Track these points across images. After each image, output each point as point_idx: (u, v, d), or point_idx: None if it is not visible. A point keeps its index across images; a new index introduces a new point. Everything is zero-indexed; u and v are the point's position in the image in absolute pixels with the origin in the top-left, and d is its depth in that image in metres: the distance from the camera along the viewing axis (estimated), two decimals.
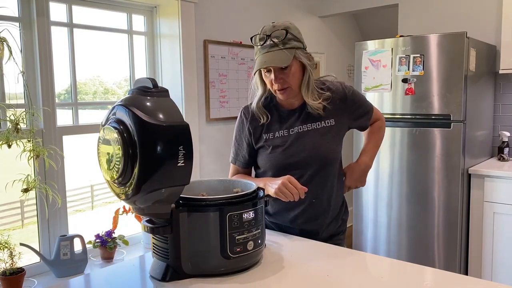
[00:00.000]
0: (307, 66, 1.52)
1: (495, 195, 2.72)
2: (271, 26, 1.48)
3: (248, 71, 3.29)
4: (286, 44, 1.47)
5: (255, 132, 1.62)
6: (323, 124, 1.58)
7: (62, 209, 2.30)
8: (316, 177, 1.56)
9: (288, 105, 1.60)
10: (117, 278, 1.24)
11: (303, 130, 1.57)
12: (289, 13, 3.68)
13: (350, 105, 1.62)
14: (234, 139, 1.70)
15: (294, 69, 1.50)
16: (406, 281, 1.15)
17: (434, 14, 3.45)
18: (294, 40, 1.49)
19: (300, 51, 1.50)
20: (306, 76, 1.52)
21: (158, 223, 1.14)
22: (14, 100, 2.11)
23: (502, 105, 3.25)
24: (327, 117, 1.58)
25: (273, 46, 1.47)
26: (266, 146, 1.59)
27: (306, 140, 1.56)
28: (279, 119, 1.60)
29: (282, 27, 1.48)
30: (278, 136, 1.58)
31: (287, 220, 1.61)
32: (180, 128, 1.04)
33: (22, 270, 1.96)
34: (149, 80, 1.08)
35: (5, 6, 2.08)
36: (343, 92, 1.61)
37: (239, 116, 1.67)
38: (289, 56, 1.46)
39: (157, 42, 2.85)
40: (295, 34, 1.50)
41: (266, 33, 1.48)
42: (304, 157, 1.55)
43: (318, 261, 1.29)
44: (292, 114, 1.60)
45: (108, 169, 1.06)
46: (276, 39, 1.46)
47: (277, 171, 1.55)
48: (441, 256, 2.86)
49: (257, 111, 1.60)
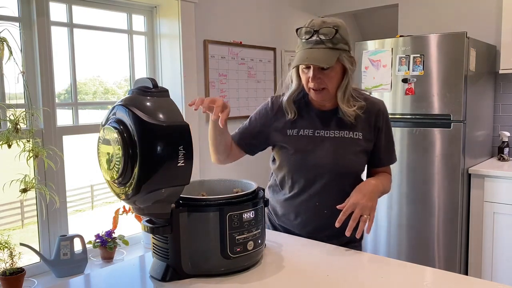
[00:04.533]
0: (348, 71, 1.44)
1: (495, 195, 2.72)
2: (321, 21, 1.39)
3: (248, 71, 3.29)
4: (333, 44, 1.38)
5: (278, 125, 1.55)
6: (350, 134, 1.50)
7: (62, 209, 2.30)
8: (330, 187, 1.50)
9: (319, 105, 1.53)
10: (117, 278, 1.24)
11: (329, 135, 1.50)
12: (289, 13, 3.68)
13: (380, 127, 1.54)
14: (248, 120, 1.62)
15: (335, 72, 1.42)
16: (406, 281, 1.15)
17: (434, 14, 3.45)
18: (342, 42, 1.40)
19: (345, 54, 1.41)
20: (346, 80, 1.45)
21: (158, 223, 1.14)
22: (14, 100, 2.11)
23: (502, 105, 3.25)
24: (356, 128, 1.50)
25: (318, 43, 1.38)
26: (288, 147, 1.52)
27: (330, 146, 1.49)
28: (307, 118, 1.53)
29: (333, 25, 1.38)
30: (302, 134, 1.52)
31: (294, 225, 1.56)
32: (180, 128, 1.04)
33: (22, 270, 1.96)
34: (149, 80, 1.08)
35: (5, 6, 2.08)
36: (379, 110, 1.53)
37: (266, 104, 1.60)
38: (333, 57, 1.38)
39: (157, 42, 2.85)
40: (344, 35, 1.40)
41: (314, 27, 1.39)
42: (323, 164, 1.49)
43: (318, 261, 1.29)
44: (322, 115, 1.53)
45: (108, 169, 1.06)
46: (324, 37, 1.37)
47: (294, 172, 1.52)
48: (441, 256, 2.86)
49: (287, 105, 1.53)
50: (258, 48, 3.36)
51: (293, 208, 1.55)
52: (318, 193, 1.51)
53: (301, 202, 1.54)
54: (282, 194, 1.59)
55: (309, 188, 1.51)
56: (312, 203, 1.52)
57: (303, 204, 1.53)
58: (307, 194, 1.52)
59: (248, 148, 1.62)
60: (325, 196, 1.50)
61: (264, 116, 1.58)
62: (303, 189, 1.52)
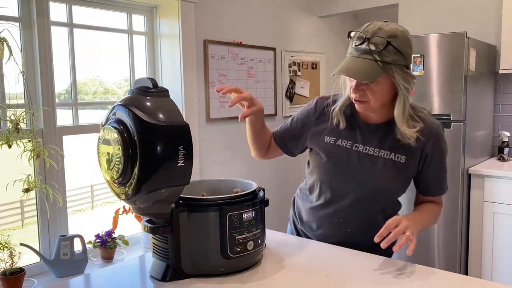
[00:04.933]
0: (401, 88, 1.27)
1: (495, 195, 2.72)
2: (376, 28, 1.25)
3: (248, 71, 3.29)
4: (382, 57, 1.23)
5: (317, 130, 1.46)
6: (391, 156, 1.36)
7: (62, 209, 2.30)
8: (358, 207, 1.40)
9: (364, 117, 1.40)
10: (117, 278, 1.24)
11: (367, 151, 1.38)
12: (289, 13, 3.68)
13: (429, 154, 1.38)
14: (290, 119, 1.54)
15: (381, 86, 1.28)
16: (406, 281, 1.15)
17: (434, 14, 3.45)
18: (396, 54, 1.24)
19: (398, 68, 1.26)
20: (401, 99, 1.29)
21: (158, 223, 1.14)
22: (14, 100, 2.11)
23: (502, 105, 3.25)
24: (400, 150, 1.36)
25: (366, 52, 1.25)
26: (322, 154, 1.43)
27: (365, 164, 1.38)
28: (349, 128, 1.41)
29: (388, 35, 1.23)
30: (339, 145, 1.40)
31: (315, 236, 1.51)
32: (180, 128, 1.04)
33: (22, 270, 1.96)
34: (149, 80, 1.08)
35: (5, 6, 2.08)
36: (431, 134, 1.37)
37: (309, 105, 1.50)
38: (379, 72, 1.24)
39: (157, 42, 2.85)
40: (400, 47, 1.24)
41: (367, 34, 1.25)
42: (353, 181, 1.39)
43: (318, 261, 1.29)
44: (365, 129, 1.40)
45: (108, 169, 1.06)
46: (374, 47, 1.23)
47: (323, 182, 1.44)
48: (441, 256, 2.86)
49: (338, 115, 1.41)
50: (258, 48, 3.36)
51: (316, 218, 1.48)
52: (343, 210, 1.42)
53: (325, 215, 1.46)
54: (309, 201, 1.52)
55: (335, 203, 1.43)
56: (336, 219, 1.44)
57: (327, 217, 1.46)
58: (332, 208, 1.44)
59: (286, 148, 1.55)
60: (351, 215, 1.41)
61: (306, 117, 1.49)
62: (329, 202, 1.44)
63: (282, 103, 3.61)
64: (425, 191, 1.47)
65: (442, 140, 1.40)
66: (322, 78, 4.08)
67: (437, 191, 1.47)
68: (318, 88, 4.03)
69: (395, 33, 1.24)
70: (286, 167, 3.63)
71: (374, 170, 1.37)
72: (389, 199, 1.44)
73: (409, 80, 1.28)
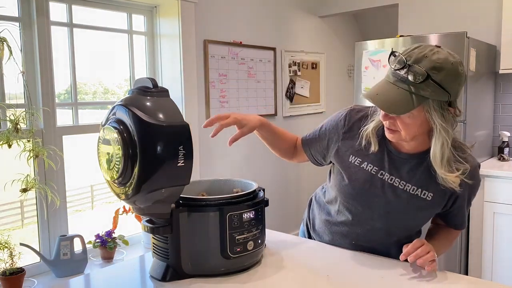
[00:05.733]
0: (437, 126, 1.13)
1: (495, 195, 2.72)
2: (422, 55, 1.09)
3: (248, 71, 3.29)
4: (418, 89, 1.09)
5: (343, 147, 1.35)
6: (418, 191, 1.26)
7: (62, 209, 2.30)
8: (375, 233, 1.34)
9: (397, 143, 1.27)
10: (117, 278, 1.24)
11: (393, 182, 1.27)
12: (289, 13, 3.68)
13: (459, 195, 1.27)
14: (320, 127, 1.44)
15: (413, 119, 1.15)
16: (406, 281, 1.15)
17: (434, 14, 3.45)
18: (437, 89, 1.09)
19: (436, 104, 1.11)
20: (438, 138, 1.14)
21: (158, 223, 1.14)
22: (14, 100, 2.11)
23: (502, 105, 3.24)
24: (429, 187, 1.25)
25: (403, 81, 1.11)
26: (344, 174, 1.34)
27: (388, 195, 1.28)
28: (379, 152, 1.29)
29: (430, 67, 1.08)
30: (364, 168, 1.30)
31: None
32: (180, 128, 1.04)
33: (22, 270, 1.96)
34: (149, 80, 1.08)
35: (5, 6, 2.08)
36: (477, 177, 1.29)
37: (340, 116, 1.38)
38: (410, 106, 1.10)
39: (157, 42, 2.85)
40: (443, 82, 1.09)
41: (409, 60, 1.10)
42: (373, 211, 1.31)
43: (318, 261, 1.29)
44: (396, 157, 1.28)
45: (108, 169, 1.06)
46: (412, 77, 1.09)
47: (341, 202, 1.37)
48: (441, 256, 2.85)
49: (370, 137, 1.29)
50: (258, 48, 3.36)
51: (329, 232, 1.43)
52: (357, 234, 1.36)
53: (338, 231, 1.41)
54: (325, 212, 1.46)
55: (352, 226, 1.36)
56: (349, 240, 1.39)
57: (339, 234, 1.41)
58: (348, 228, 1.38)
59: (313, 158, 1.48)
60: (365, 240, 1.36)
61: (334, 130, 1.38)
62: (345, 222, 1.38)
63: (282, 103, 3.61)
64: (444, 220, 1.41)
65: (476, 182, 1.29)
66: (322, 78, 4.08)
67: (455, 226, 1.41)
68: (318, 88, 4.03)
69: (441, 65, 1.09)
70: (286, 167, 3.63)
71: (396, 204, 1.28)
72: (408, 232, 1.38)
73: (448, 118, 1.14)
